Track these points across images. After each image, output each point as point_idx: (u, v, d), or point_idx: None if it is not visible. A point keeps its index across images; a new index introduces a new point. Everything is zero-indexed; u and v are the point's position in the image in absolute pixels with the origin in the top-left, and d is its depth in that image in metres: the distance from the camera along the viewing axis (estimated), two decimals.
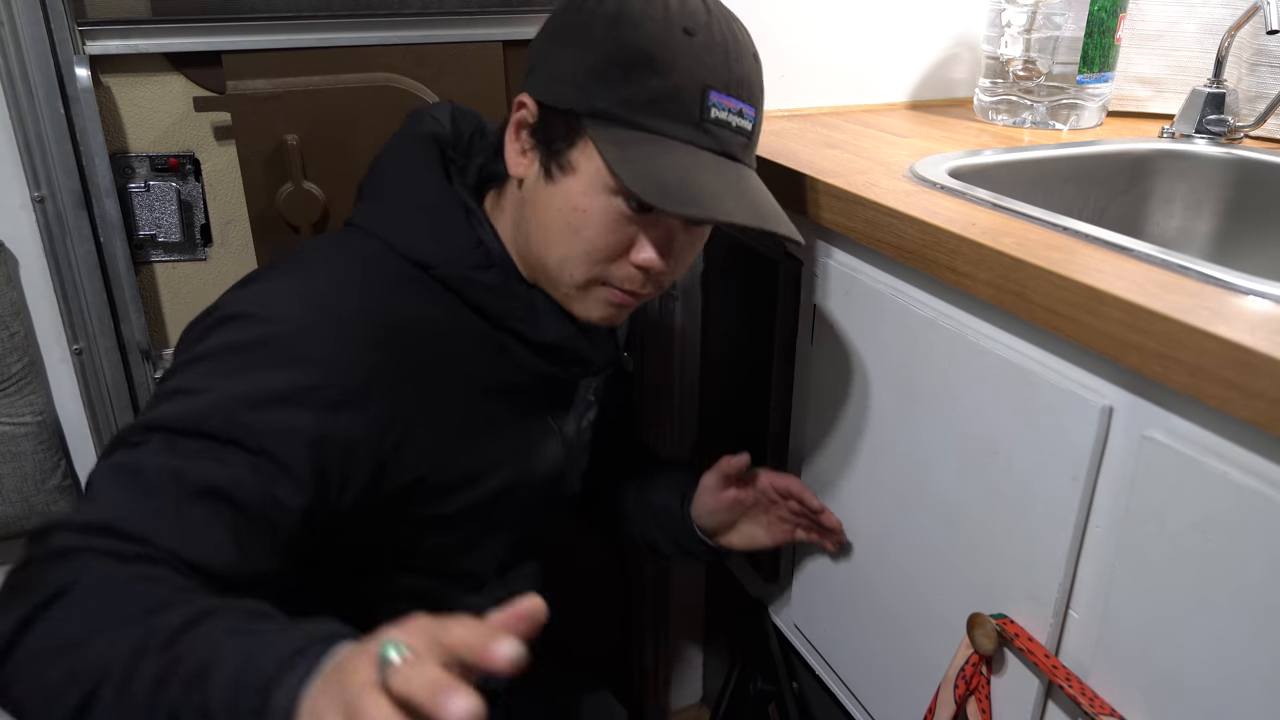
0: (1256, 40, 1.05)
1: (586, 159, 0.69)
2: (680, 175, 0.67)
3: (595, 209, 0.70)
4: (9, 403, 0.96)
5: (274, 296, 0.68)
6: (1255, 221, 0.99)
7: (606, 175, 0.68)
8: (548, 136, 0.71)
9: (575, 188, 0.70)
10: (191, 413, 0.62)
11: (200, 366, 0.65)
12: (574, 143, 0.69)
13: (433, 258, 0.73)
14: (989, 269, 0.66)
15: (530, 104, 0.72)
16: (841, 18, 1.17)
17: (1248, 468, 0.52)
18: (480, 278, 0.74)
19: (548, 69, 0.71)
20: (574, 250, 0.72)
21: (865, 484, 0.87)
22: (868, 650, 0.91)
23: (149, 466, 0.60)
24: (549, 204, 0.71)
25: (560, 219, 0.71)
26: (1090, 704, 0.62)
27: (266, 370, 0.64)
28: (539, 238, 0.73)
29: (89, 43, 0.91)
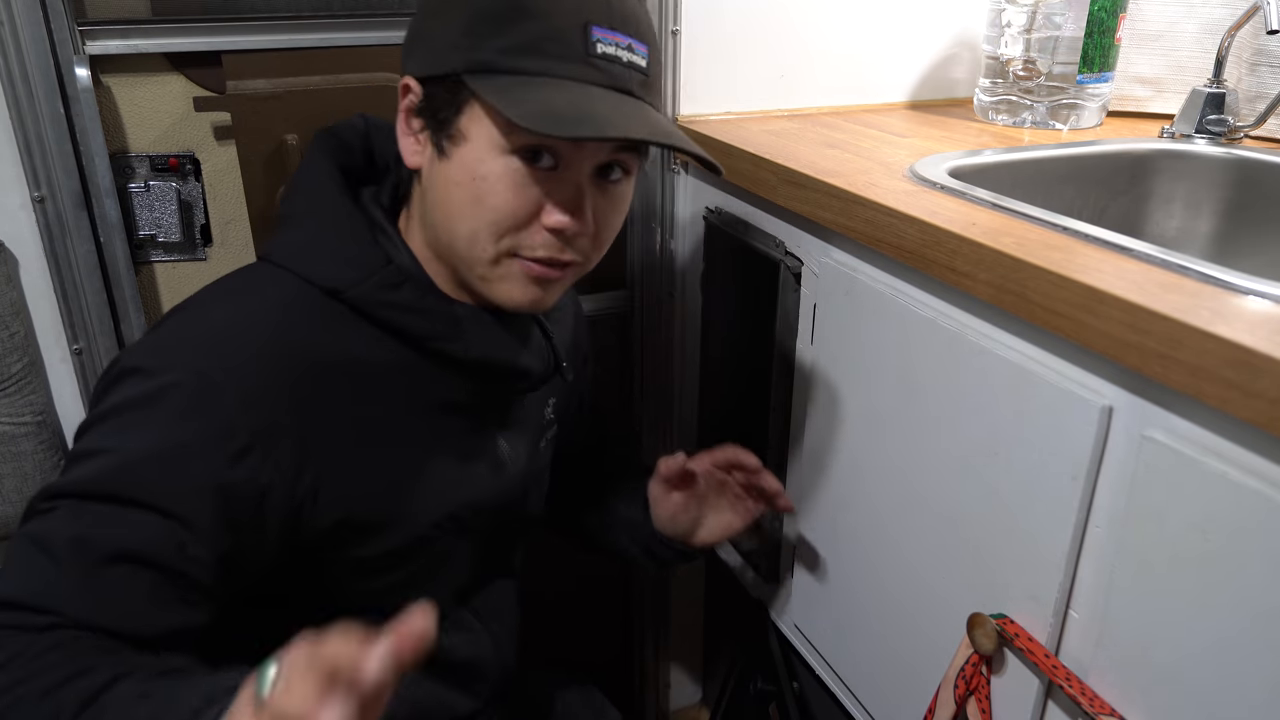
0: (1256, 40, 1.05)
1: (475, 122, 0.66)
2: (571, 104, 0.63)
3: (494, 173, 0.66)
4: (9, 403, 0.96)
5: (169, 346, 0.66)
6: (1255, 221, 0.99)
7: (499, 135, 0.65)
8: (434, 111, 0.68)
9: (470, 155, 0.66)
10: (93, 476, 0.61)
11: (101, 426, 0.63)
12: (460, 108, 0.66)
13: (340, 282, 0.68)
14: (989, 269, 0.66)
15: (414, 85, 0.69)
16: (841, 18, 1.17)
17: (1248, 468, 0.52)
18: (392, 297, 0.69)
19: (422, 44, 0.69)
20: (479, 221, 0.67)
21: (865, 484, 0.87)
22: (868, 650, 0.91)
23: (56, 536, 0.60)
24: (446, 180, 0.67)
25: (459, 192, 0.67)
26: (1090, 704, 0.62)
27: (164, 425, 0.62)
28: (443, 220, 0.69)
29: (89, 43, 0.91)
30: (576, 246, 0.69)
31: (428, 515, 0.76)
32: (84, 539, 0.59)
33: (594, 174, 0.69)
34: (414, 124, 0.70)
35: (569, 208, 0.67)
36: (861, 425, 0.86)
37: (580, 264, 0.71)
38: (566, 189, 0.67)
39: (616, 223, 0.73)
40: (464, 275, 0.71)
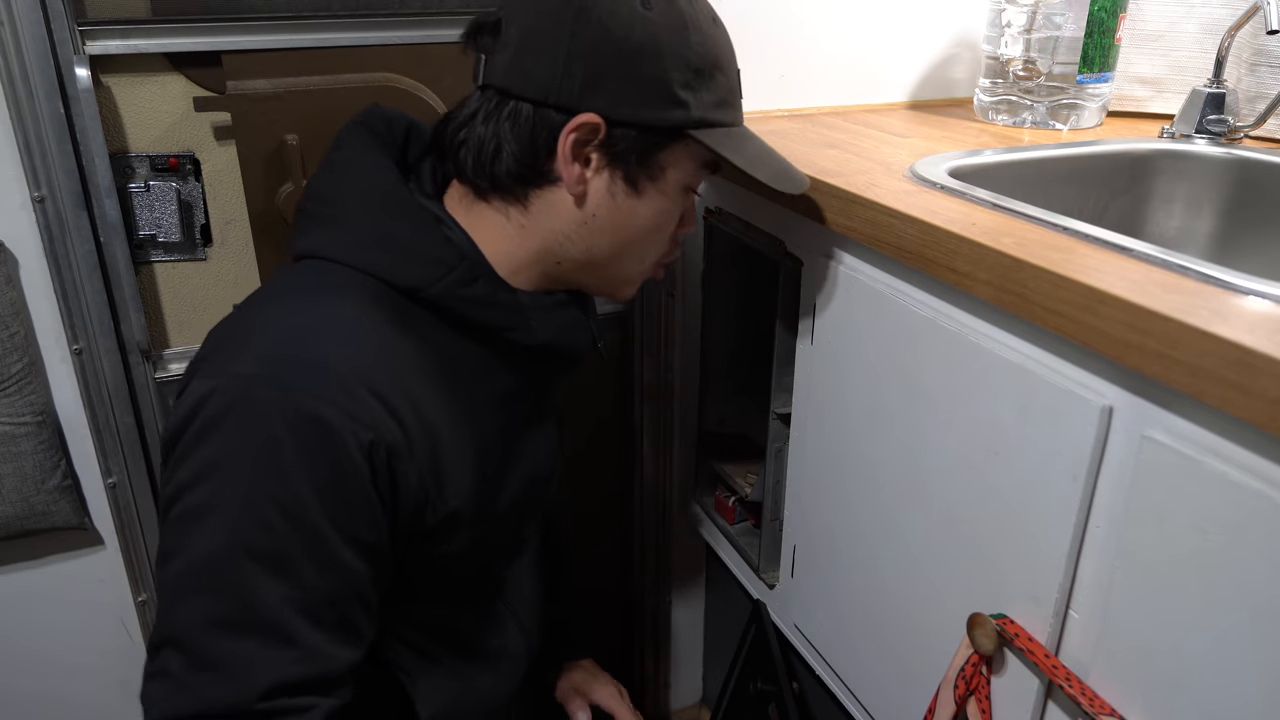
0: (1256, 40, 1.05)
1: (677, 168, 0.74)
2: (772, 158, 0.78)
3: (675, 206, 0.76)
4: (9, 403, 0.96)
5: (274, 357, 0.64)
6: (1255, 221, 0.99)
7: (692, 176, 0.75)
8: (630, 151, 0.71)
9: (664, 196, 0.75)
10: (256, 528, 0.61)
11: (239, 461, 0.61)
12: (668, 155, 0.73)
13: (419, 280, 0.69)
14: (989, 269, 0.66)
15: (600, 124, 0.69)
16: (841, 18, 1.17)
17: (1248, 468, 0.52)
18: (469, 293, 0.71)
19: (615, 86, 0.69)
20: (652, 248, 0.78)
21: (865, 484, 0.87)
22: (868, 650, 0.91)
23: (263, 607, 0.61)
24: (634, 214, 0.74)
25: (649, 223, 0.75)
26: (1090, 704, 0.62)
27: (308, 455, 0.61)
28: (613, 245, 0.75)
29: (89, 43, 0.91)
30: None
31: (502, 503, 0.79)
32: (303, 602, 0.61)
33: None
34: (593, 159, 0.71)
35: (693, 218, 0.82)
36: (861, 425, 0.86)
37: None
38: (693, 205, 0.81)
39: None
40: (594, 282, 0.79)
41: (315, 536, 0.61)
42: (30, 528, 1.01)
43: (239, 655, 0.59)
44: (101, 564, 1.09)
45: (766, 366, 1.01)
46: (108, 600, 1.10)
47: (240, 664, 0.59)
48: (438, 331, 0.71)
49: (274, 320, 0.67)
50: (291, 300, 0.68)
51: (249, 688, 0.59)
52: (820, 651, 1.00)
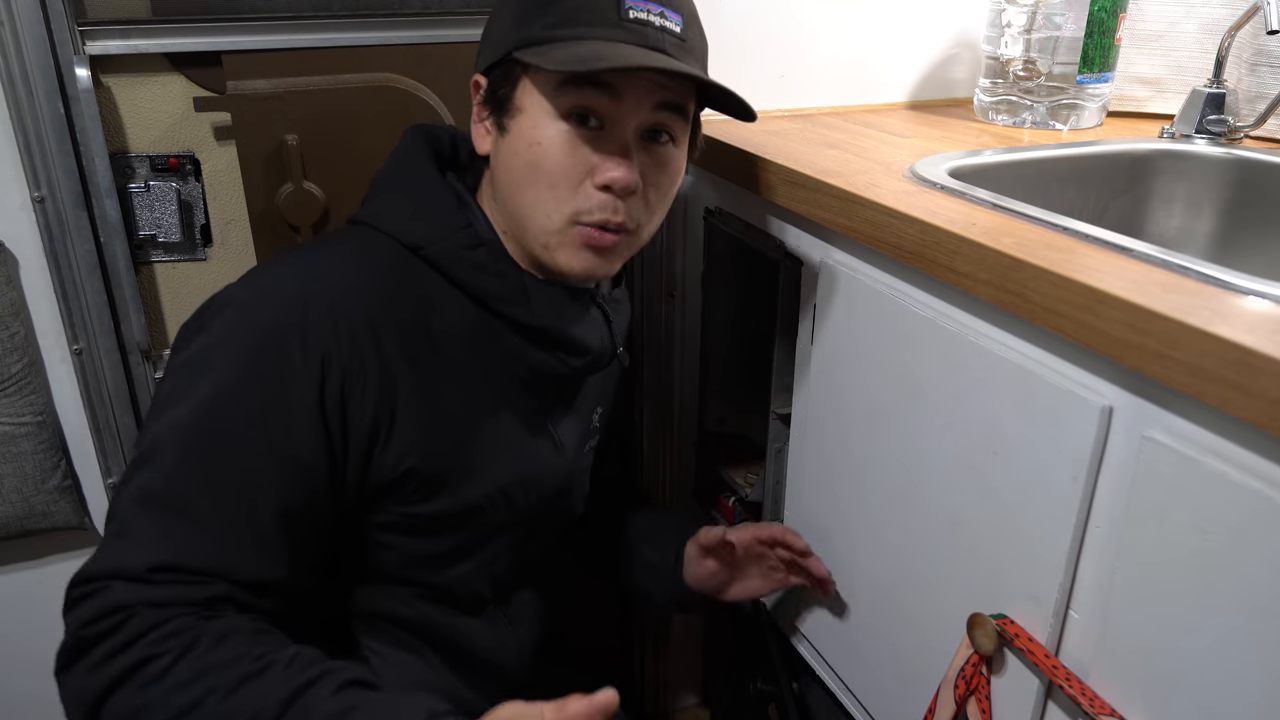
0: (1256, 40, 1.05)
1: (528, 94, 0.72)
2: (595, 51, 0.69)
3: (547, 138, 0.71)
4: (9, 403, 0.96)
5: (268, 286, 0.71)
6: (1255, 221, 0.99)
7: (547, 102, 0.71)
8: (494, 94, 0.75)
9: (526, 124, 0.72)
10: (197, 415, 0.65)
11: (202, 357, 0.67)
12: (515, 83, 0.73)
13: (424, 238, 0.74)
14: (989, 269, 0.66)
15: (480, 79, 0.76)
16: (841, 18, 1.17)
17: (1248, 468, 0.52)
18: (470, 256, 0.74)
19: (485, 42, 0.76)
20: (539, 187, 0.73)
21: (865, 484, 0.87)
22: (868, 650, 0.91)
23: (181, 488, 0.64)
24: (509, 153, 0.74)
25: (520, 161, 0.73)
26: (1090, 704, 0.62)
27: (262, 355, 0.67)
28: (509, 192, 0.75)
29: (89, 43, 0.91)
30: (630, 209, 0.74)
31: (483, 483, 0.79)
32: (214, 484, 0.64)
33: (640, 136, 0.74)
34: (482, 114, 0.77)
35: (617, 163, 0.72)
36: (861, 425, 0.86)
37: (634, 231, 0.76)
38: (613, 146, 0.72)
39: (667, 187, 0.77)
40: (530, 247, 0.76)
41: (249, 442, 0.65)
42: (30, 528, 1.01)
43: (152, 528, 0.63)
44: None
45: (766, 366, 1.00)
46: None
47: (150, 536, 0.62)
48: (445, 296, 0.75)
49: (295, 253, 0.75)
50: (316, 243, 0.77)
51: (147, 558, 0.62)
52: (820, 651, 1.00)
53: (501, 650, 0.86)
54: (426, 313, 0.74)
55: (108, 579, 0.61)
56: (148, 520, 0.63)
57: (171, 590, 0.61)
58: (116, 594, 0.61)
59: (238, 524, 0.64)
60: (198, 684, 0.58)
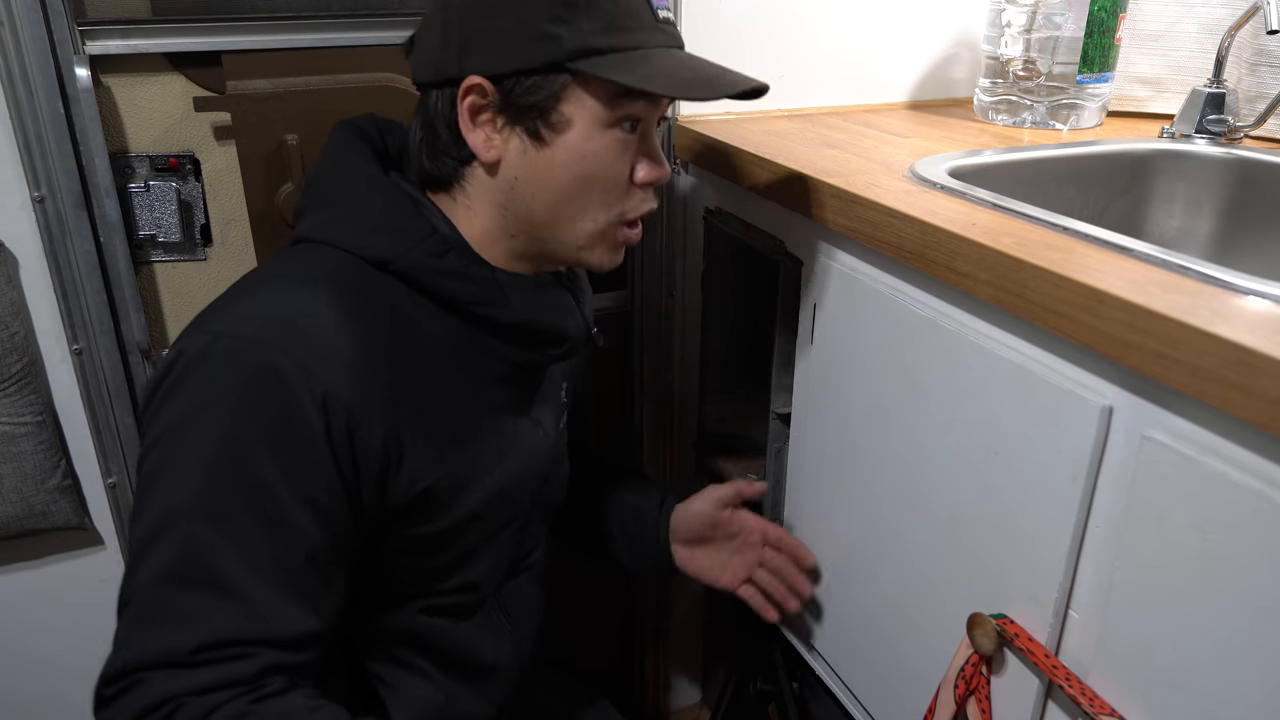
0: (1256, 40, 1.05)
1: (578, 105, 0.70)
2: (688, 69, 0.71)
3: (600, 149, 0.71)
4: (9, 403, 0.96)
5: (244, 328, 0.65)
6: (1255, 221, 0.99)
7: (601, 111, 0.70)
8: (524, 104, 0.70)
9: (576, 138, 0.70)
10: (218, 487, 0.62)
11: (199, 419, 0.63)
12: (560, 96, 0.70)
13: (388, 252, 0.70)
14: (989, 269, 0.66)
15: (484, 84, 0.69)
16: (841, 18, 1.17)
17: (1248, 468, 0.52)
18: (439, 264, 0.71)
19: (486, 42, 0.69)
20: (592, 196, 0.73)
21: (865, 483, 0.87)
22: (868, 650, 0.91)
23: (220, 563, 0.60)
24: (551, 166, 0.71)
25: (570, 173, 0.71)
26: (1090, 704, 0.62)
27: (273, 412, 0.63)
28: (546, 204, 0.72)
29: (89, 43, 0.91)
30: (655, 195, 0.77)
31: (486, 488, 0.78)
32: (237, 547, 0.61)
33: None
34: (483, 119, 0.71)
35: (657, 160, 0.75)
36: (861, 425, 0.86)
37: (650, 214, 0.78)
38: (648, 144, 0.74)
39: None
40: (554, 249, 0.75)
41: (265, 491, 0.62)
42: (30, 528, 1.01)
43: (181, 609, 0.59)
44: (101, 564, 1.09)
45: (766, 366, 1.00)
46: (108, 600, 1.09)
47: (180, 617, 0.59)
48: (417, 309, 0.72)
49: (251, 288, 0.69)
50: (270, 273, 0.71)
51: (185, 640, 0.58)
52: (820, 651, 1.00)
53: (499, 650, 0.86)
54: (407, 329, 0.71)
55: (142, 671, 0.58)
56: (173, 600, 0.59)
57: (216, 671, 0.58)
58: (157, 686, 0.57)
59: (270, 583, 0.61)
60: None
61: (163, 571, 0.60)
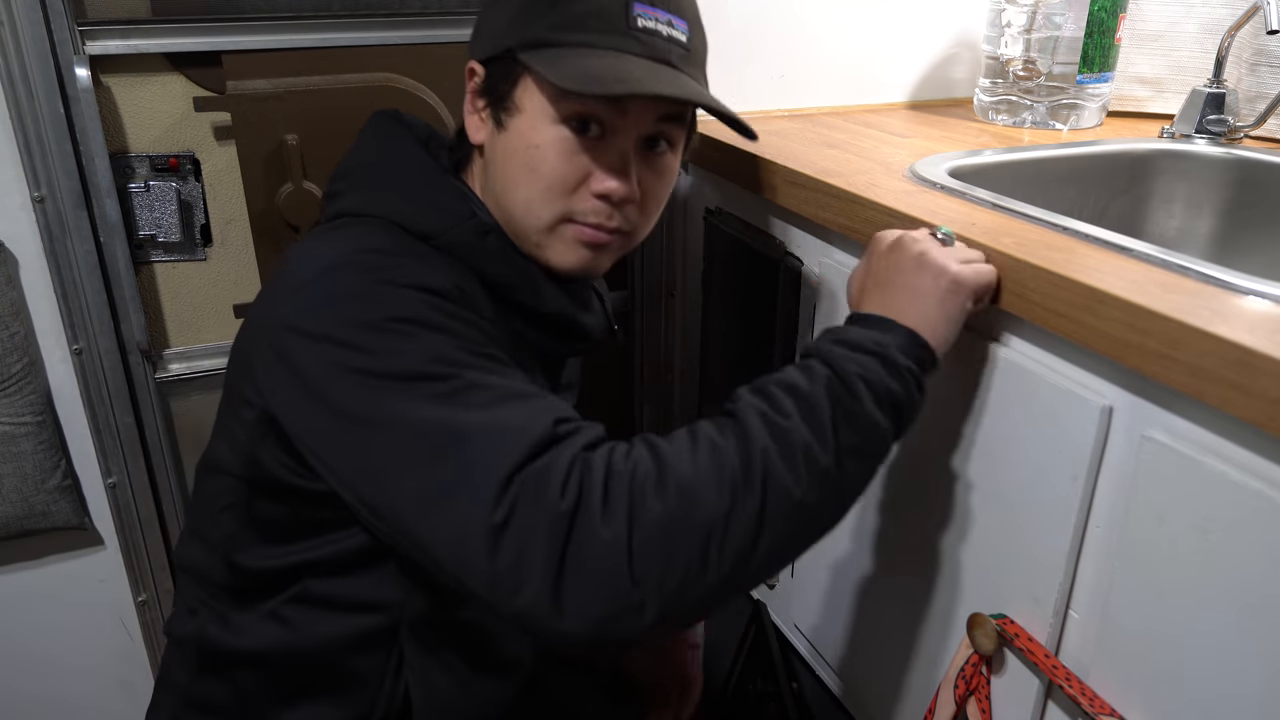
0: (1256, 40, 1.05)
1: (528, 95, 0.71)
2: (608, 69, 0.68)
3: (546, 141, 0.70)
4: (9, 403, 0.96)
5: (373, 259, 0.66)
6: (1255, 221, 0.99)
7: (549, 105, 0.70)
8: (493, 88, 0.73)
9: (524, 125, 0.71)
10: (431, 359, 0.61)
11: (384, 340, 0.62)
12: (515, 82, 0.71)
13: (435, 227, 0.71)
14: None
15: (477, 68, 0.74)
16: (841, 18, 1.17)
17: (1248, 468, 0.52)
18: (482, 244, 0.73)
19: (483, 31, 0.75)
20: (534, 188, 0.71)
21: None
22: (868, 650, 0.91)
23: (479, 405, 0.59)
24: (505, 150, 0.73)
25: (516, 160, 0.72)
26: (1090, 704, 0.62)
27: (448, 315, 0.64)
28: (502, 189, 0.74)
29: (89, 43, 0.91)
30: (624, 214, 0.73)
31: None
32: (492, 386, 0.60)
33: (639, 145, 0.73)
34: (478, 104, 0.75)
35: (615, 174, 0.71)
36: None
37: (629, 233, 0.75)
38: (613, 156, 0.71)
39: (662, 194, 0.77)
40: (521, 243, 0.75)
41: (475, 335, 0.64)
42: (30, 528, 1.01)
43: (505, 419, 0.58)
44: (101, 564, 1.09)
45: (766, 366, 1.00)
46: (108, 600, 1.10)
47: (514, 423, 0.58)
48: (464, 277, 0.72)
49: (324, 247, 0.68)
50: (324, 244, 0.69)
51: (539, 424, 0.57)
52: (820, 651, 1.00)
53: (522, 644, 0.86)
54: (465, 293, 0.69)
55: (521, 467, 0.55)
56: (496, 418, 0.58)
57: (587, 432, 0.59)
58: (557, 456, 0.56)
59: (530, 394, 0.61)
60: None
61: (460, 412, 0.58)
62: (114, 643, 1.12)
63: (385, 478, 0.60)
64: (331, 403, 0.61)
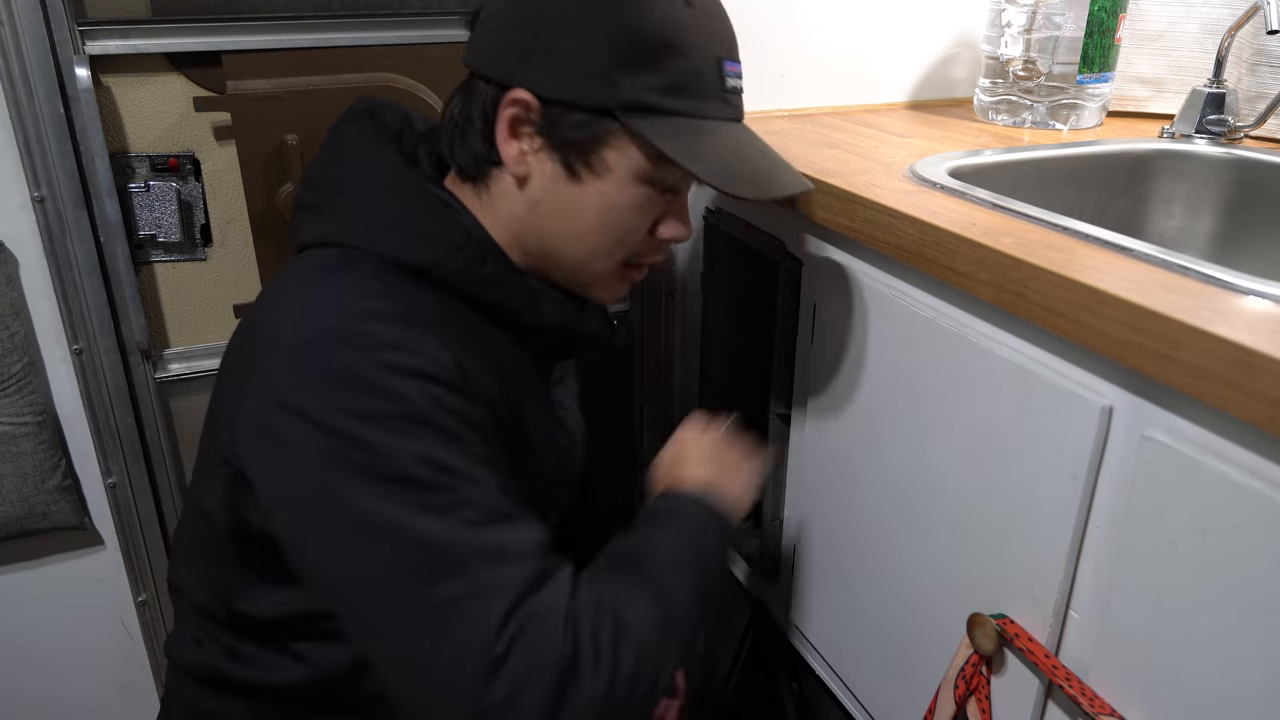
0: (1256, 40, 1.05)
1: (620, 155, 0.68)
2: (738, 158, 0.70)
3: (630, 202, 0.70)
4: (9, 403, 0.96)
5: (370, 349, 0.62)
6: (1255, 221, 0.99)
7: (642, 167, 0.69)
8: (567, 136, 0.68)
9: (610, 186, 0.69)
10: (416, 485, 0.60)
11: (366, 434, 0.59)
12: (606, 141, 0.68)
13: (428, 260, 0.68)
14: (989, 269, 0.66)
15: (531, 102, 0.67)
16: (841, 18, 1.17)
17: (1248, 468, 0.52)
18: (480, 273, 0.70)
19: (548, 63, 0.67)
20: (605, 242, 0.72)
21: (865, 484, 0.87)
22: (868, 650, 0.91)
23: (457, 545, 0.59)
24: (578, 203, 0.70)
25: (595, 218, 0.70)
26: (1090, 704, 0.62)
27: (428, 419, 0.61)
28: (562, 235, 0.71)
29: (89, 43, 0.91)
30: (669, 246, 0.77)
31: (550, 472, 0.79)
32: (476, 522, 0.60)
33: None
34: (531, 140, 0.69)
35: (684, 220, 0.75)
36: (861, 426, 0.86)
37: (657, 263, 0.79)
38: (681, 205, 0.74)
39: None
40: (563, 279, 0.75)
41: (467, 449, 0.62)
42: (30, 528, 1.01)
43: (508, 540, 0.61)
44: (101, 564, 1.09)
45: (766, 366, 1.00)
46: (108, 600, 1.10)
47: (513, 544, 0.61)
48: (458, 308, 0.70)
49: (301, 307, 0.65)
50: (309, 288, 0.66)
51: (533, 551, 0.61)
52: (820, 651, 1.00)
53: None
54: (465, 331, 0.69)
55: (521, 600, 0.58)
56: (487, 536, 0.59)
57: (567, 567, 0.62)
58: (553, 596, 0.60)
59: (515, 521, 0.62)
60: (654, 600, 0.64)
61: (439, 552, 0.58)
62: (114, 643, 1.12)
63: (369, 586, 0.59)
64: (317, 493, 0.59)
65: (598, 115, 0.67)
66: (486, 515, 0.60)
